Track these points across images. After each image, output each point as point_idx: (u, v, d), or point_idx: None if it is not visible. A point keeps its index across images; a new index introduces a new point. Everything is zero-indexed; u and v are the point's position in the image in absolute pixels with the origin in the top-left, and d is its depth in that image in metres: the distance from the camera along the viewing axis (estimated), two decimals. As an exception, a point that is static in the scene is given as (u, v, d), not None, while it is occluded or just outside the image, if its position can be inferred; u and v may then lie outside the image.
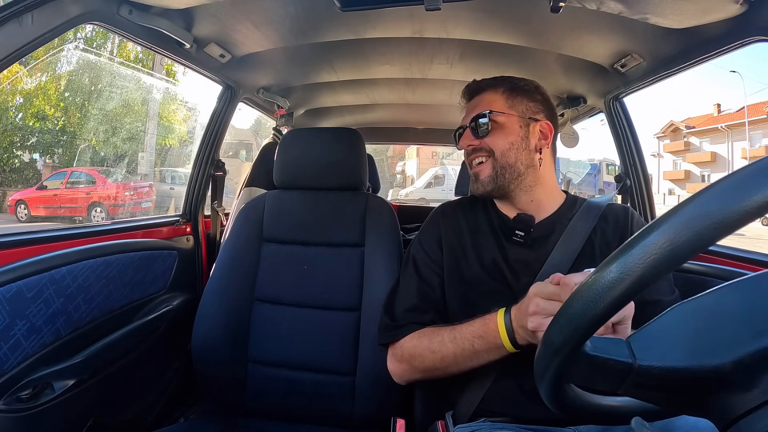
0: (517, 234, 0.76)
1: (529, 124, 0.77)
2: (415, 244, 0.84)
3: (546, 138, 0.78)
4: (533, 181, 0.78)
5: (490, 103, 0.79)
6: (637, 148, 1.38)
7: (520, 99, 0.79)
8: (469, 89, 0.85)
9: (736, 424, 0.30)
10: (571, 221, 0.76)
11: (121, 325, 0.93)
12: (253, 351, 0.95)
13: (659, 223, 0.27)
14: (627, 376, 0.32)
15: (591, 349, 0.33)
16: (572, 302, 0.31)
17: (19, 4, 0.64)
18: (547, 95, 0.83)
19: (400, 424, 0.77)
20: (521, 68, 1.38)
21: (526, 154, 0.77)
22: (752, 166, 0.26)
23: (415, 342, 0.72)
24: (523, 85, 0.81)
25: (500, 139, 0.76)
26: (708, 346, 0.31)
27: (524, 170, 0.77)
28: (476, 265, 0.76)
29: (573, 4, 0.84)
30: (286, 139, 1.10)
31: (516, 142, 0.76)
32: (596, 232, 0.75)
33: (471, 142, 0.79)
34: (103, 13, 0.80)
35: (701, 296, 0.33)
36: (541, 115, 0.79)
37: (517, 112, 0.78)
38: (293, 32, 1.13)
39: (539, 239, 0.76)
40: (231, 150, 13.91)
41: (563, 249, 0.73)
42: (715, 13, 0.80)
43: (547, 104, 0.81)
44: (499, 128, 0.77)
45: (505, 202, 0.81)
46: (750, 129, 22.19)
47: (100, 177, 8.44)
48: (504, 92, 0.80)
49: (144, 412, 1.05)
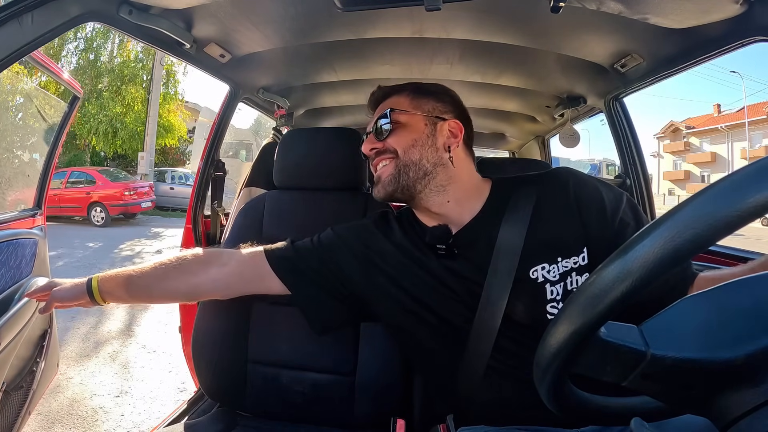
0: (439, 248, 0.73)
1: (435, 122, 0.75)
2: (339, 229, 0.83)
3: (456, 137, 0.75)
4: (445, 180, 0.73)
5: (394, 105, 0.77)
6: (637, 148, 1.39)
7: (426, 99, 0.77)
8: (374, 97, 0.82)
9: (737, 424, 0.30)
10: (510, 201, 0.72)
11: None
12: (253, 351, 0.95)
13: (660, 223, 0.28)
14: (638, 364, 0.32)
15: (605, 335, 0.32)
16: (591, 284, 0.31)
17: (19, 4, 0.64)
18: (457, 98, 0.80)
19: (400, 424, 0.78)
20: (521, 68, 1.38)
21: (432, 151, 0.73)
22: (752, 166, 0.26)
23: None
24: (429, 86, 0.80)
25: (403, 137, 0.74)
26: (720, 339, 0.31)
27: (431, 168, 0.72)
28: (419, 279, 0.74)
29: (573, 4, 0.84)
30: (286, 139, 1.10)
31: (420, 139, 0.73)
32: (540, 203, 0.71)
33: (373, 145, 0.76)
34: (103, 14, 0.80)
35: (712, 290, 0.33)
36: (449, 114, 0.76)
37: (423, 111, 0.75)
38: (293, 32, 1.13)
39: (469, 243, 0.72)
40: (231, 150, 13.92)
41: (511, 232, 0.69)
42: (715, 13, 0.80)
43: (457, 106, 0.79)
44: (402, 127, 0.74)
45: (421, 211, 0.77)
46: (750, 129, 22.19)
47: None
48: (408, 94, 0.78)
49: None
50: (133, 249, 6.70)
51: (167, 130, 13.84)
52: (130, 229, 8.88)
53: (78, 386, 2.31)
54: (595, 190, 0.70)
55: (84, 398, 2.18)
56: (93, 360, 2.67)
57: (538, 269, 0.67)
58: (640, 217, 0.69)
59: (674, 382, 0.32)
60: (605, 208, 0.68)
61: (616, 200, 0.69)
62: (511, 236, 0.69)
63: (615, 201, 0.69)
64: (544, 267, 0.67)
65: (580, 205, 0.69)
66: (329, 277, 0.79)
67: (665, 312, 0.33)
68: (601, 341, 0.32)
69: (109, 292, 0.76)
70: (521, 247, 0.68)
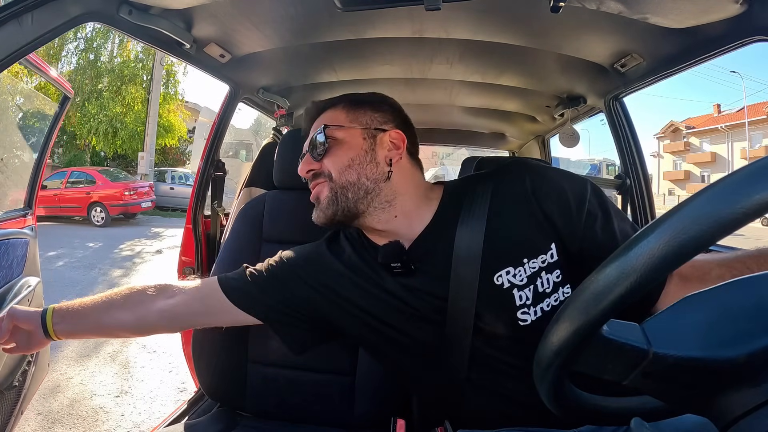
0: (394, 266, 0.68)
1: (375, 135, 0.70)
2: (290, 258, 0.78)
3: (398, 148, 0.70)
4: (390, 195, 0.69)
5: (328, 121, 0.72)
6: (637, 148, 1.39)
7: (364, 111, 0.72)
8: (309, 113, 0.77)
9: (737, 424, 0.30)
10: (464, 203, 0.68)
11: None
12: (253, 351, 0.95)
13: (663, 220, 0.28)
14: (640, 363, 0.31)
15: (608, 333, 0.32)
16: (591, 283, 0.31)
17: (19, 4, 0.64)
18: (397, 106, 0.76)
19: (400, 424, 0.77)
20: (521, 68, 1.38)
21: (372, 167, 0.68)
22: (752, 166, 0.26)
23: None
24: (366, 97, 0.76)
25: (340, 156, 0.69)
26: (722, 338, 0.31)
27: (372, 186, 0.68)
28: (379, 301, 0.70)
29: (573, 4, 0.84)
30: (286, 139, 1.10)
31: (358, 156, 0.68)
32: (496, 201, 0.67)
33: (310, 166, 0.71)
34: (103, 14, 0.80)
35: (713, 289, 0.33)
36: (389, 125, 0.72)
37: (360, 124, 0.71)
38: (293, 32, 1.13)
39: (425, 256, 0.68)
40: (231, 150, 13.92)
41: (468, 235, 0.65)
42: (715, 13, 0.80)
43: (398, 114, 0.75)
44: (338, 145, 0.69)
45: (369, 231, 0.73)
46: (750, 129, 22.20)
47: None
48: (344, 107, 0.73)
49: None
50: (133, 249, 6.70)
51: (167, 130, 13.84)
52: (130, 229, 8.88)
53: (78, 386, 2.31)
54: (553, 181, 0.65)
55: (84, 398, 2.19)
56: (93, 360, 2.68)
57: (502, 274, 0.63)
58: (606, 207, 0.64)
59: (675, 380, 0.32)
60: (568, 200, 0.63)
61: (580, 191, 0.64)
62: (468, 240, 0.64)
63: (579, 192, 0.64)
64: (509, 271, 0.63)
65: (539, 199, 0.64)
66: (291, 304, 0.75)
67: (667, 310, 0.33)
68: (603, 339, 0.32)
69: (62, 318, 0.72)
70: (480, 251, 0.63)
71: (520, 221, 0.65)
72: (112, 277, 4.79)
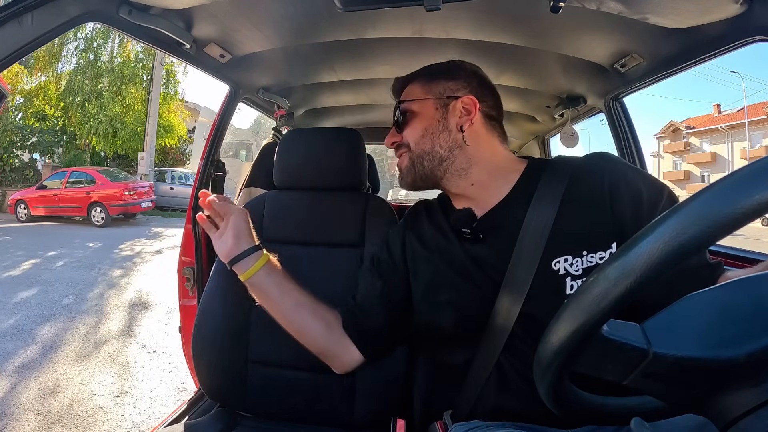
0: (464, 232, 0.70)
1: (447, 104, 0.72)
2: (381, 245, 0.83)
3: (469, 113, 0.71)
4: (465, 162, 0.71)
5: (406, 95, 0.77)
6: (637, 148, 1.39)
7: (438, 81, 0.75)
8: (394, 89, 0.82)
9: (737, 424, 0.30)
10: (540, 183, 0.68)
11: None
12: (253, 351, 0.95)
13: (663, 220, 0.28)
14: (640, 363, 0.31)
15: (608, 332, 0.32)
16: (590, 286, 0.31)
17: (19, 4, 0.64)
18: (472, 70, 0.77)
19: (400, 424, 0.78)
20: (521, 68, 1.38)
21: (445, 136, 0.71)
22: (752, 166, 0.26)
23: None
24: (442, 66, 0.78)
25: (415, 127, 0.73)
26: (722, 338, 0.31)
27: (447, 153, 0.71)
28: (440, 269, 0.72)
29: (573, 4, 0.84)
30: (286, 139, 1.10)
31: (431, 126, 0.72)
32: (572, 188, 0.67)
33: (393, 138, 0.78)
34: (103, 14, 0.80)
35: (712, 289, 0.33)
36: (462, 91, 0.73)
37: (433, 95, 0.74)
38: (293, 32, 1.13)
39: (494, 228, 0.69)
40: (231, 150, 13.92)
41: (539, 215, 0.66)
42: (715, 13, 0.80)
43: (473, 79, 0.75)
44: (413, 117, 0.74)
45: (452, 195, 0.76)
46: (750, 129, 22.19)
47: None
48: (421, 80, 0.77)
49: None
50: (133, 249, 6.70)
51: (167, 130, 13.84)
52: (130, 229, 8.88)
53: (78, 386, 2.31)
54: (633, 181, 0.64)
55: (84, 398, 2.19)
56: (93, 360, 2.67)
57: (560, 261, 0.63)
58: None
59: (675, 380, 0.32)
60: (642, 203, 0.62)
61: (655, 197, 0.63)
62: (537, 221, 0.65)
63: (654, 198, 0.63)
64: (567, 259, 0.63)
65: (614, 197, 0.64)
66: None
67: (667, 310, 0.33)
68: (603, 339, 0.32)
69: (270, 271, 0.75)
70: (548, 233, 0.64)
71: (590, 214, 0.64)
72: (112, 277, 4.79)
